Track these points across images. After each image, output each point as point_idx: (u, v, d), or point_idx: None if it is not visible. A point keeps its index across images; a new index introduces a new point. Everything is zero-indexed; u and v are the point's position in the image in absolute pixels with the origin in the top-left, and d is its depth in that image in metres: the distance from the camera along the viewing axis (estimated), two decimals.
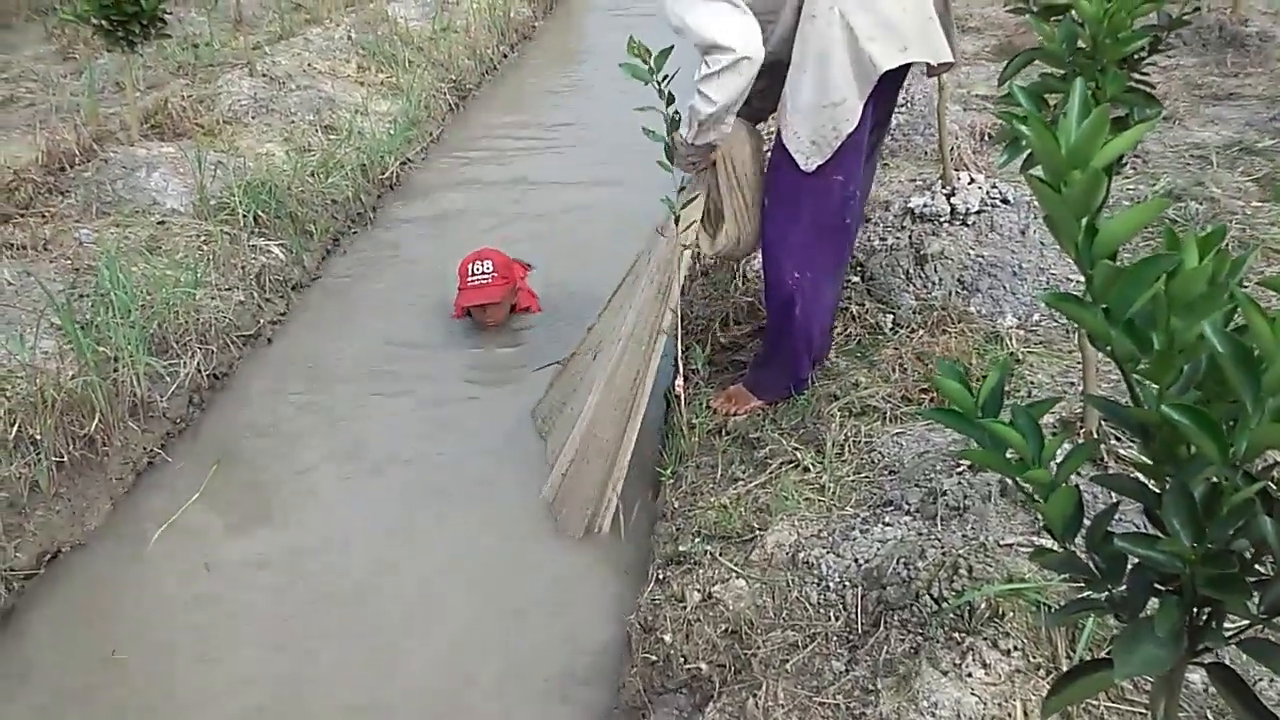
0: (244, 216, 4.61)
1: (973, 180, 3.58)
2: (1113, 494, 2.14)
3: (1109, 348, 1.01)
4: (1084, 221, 0.98)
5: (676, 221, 3.04)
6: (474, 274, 4.28)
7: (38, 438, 3.16)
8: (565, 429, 3.33)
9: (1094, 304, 1.00)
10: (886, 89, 2.72)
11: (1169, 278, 0.97)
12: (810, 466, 2.80)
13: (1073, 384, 2.84)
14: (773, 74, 2.80)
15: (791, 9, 2.74)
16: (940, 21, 2.72)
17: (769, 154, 2.94)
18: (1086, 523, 1.15)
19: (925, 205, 3.52)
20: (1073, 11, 1.91)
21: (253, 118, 5.73)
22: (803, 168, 2.75)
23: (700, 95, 2.70)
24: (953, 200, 3.49)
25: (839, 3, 2.60)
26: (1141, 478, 1.14)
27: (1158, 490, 1.09)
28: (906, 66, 2.69)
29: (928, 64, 2.72)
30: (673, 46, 2.79)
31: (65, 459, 3.22)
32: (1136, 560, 1.10)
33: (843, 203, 2.83)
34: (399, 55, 7.19)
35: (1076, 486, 1.13)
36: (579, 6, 10.70)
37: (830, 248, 2.93)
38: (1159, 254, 0.97)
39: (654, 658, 2.46)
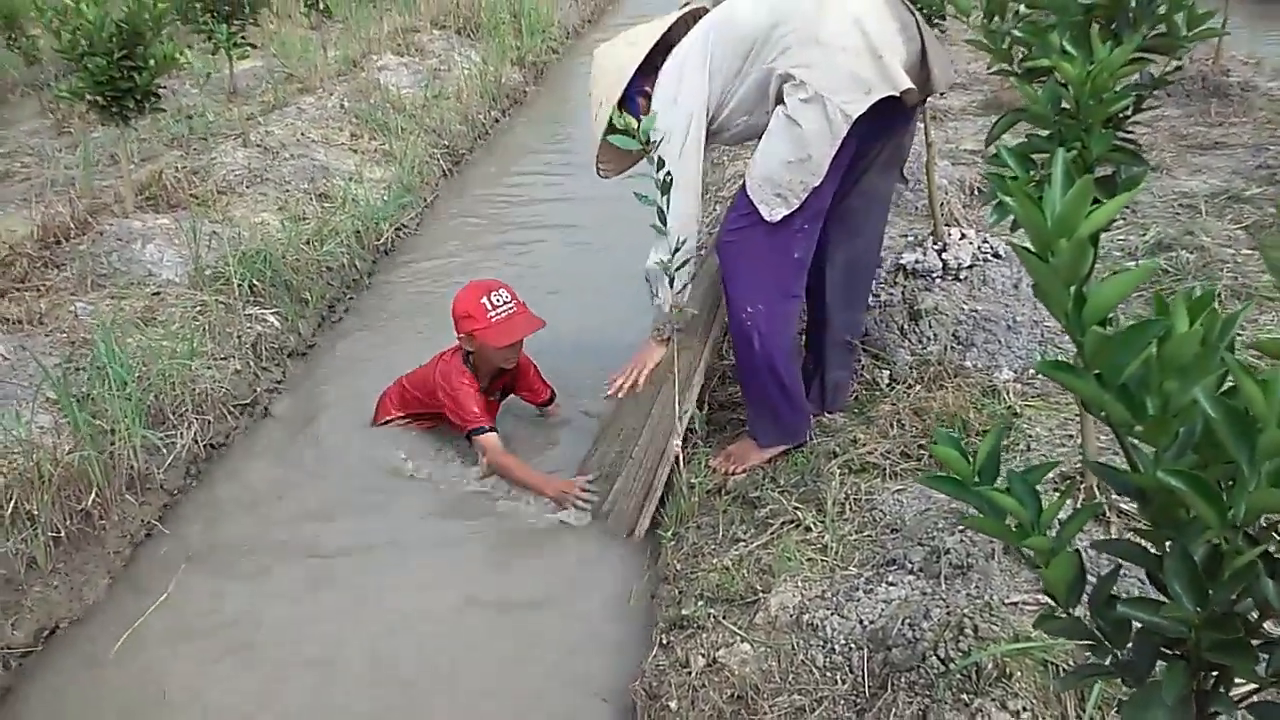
0: (239, 286, 4.62)
1: (964, 235, 3.61)
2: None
3: (1103, 413, 1.02)
4: (1073, 290, 0.99)
5: (671, 282, 3.06)
6: (498, 305, 3.65)
7: (35, 513, 3.14)
8: (617, 453, 3.52)
9: (1086, 371, 1.00)
10: (863, 132, 2.79)
11: (1160, 343, 0.98)
12: (812, 526, 2.79)
13: (1071, 436, 2.84)
14: None
15: (755, 98, 2.92)
16: (909, 55, 2.80)
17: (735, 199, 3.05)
18: (1091, 583, 1.15)
19: (917, 261, 3.54)
20: (1056, 73, 1.93)
21: (247, 187, 5.77)
22: (767, 218, 2.85)
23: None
24: (945, 256, 3.52)
25: (799, 71, 2.74)
26: (1143, 538, 1.14)
27: (1158, 553, 1.08)
28: (892, 104, 2.76)
29: (898, 98, 2.77)
30: (655, 114, 2.87)
31: (62, 534, 3.21)
32: (1140, 624, 1.09)
33: (790, 236, 2.91)
34: (392, 122, 7.26)
35: (1078, 551, 1.12)
36: (568, 72, 10.82)
37: (780, 280, 2.99)
38: (1149, 319, 0.98)
39: None
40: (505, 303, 3.65)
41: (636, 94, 3.06)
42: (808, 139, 2.74)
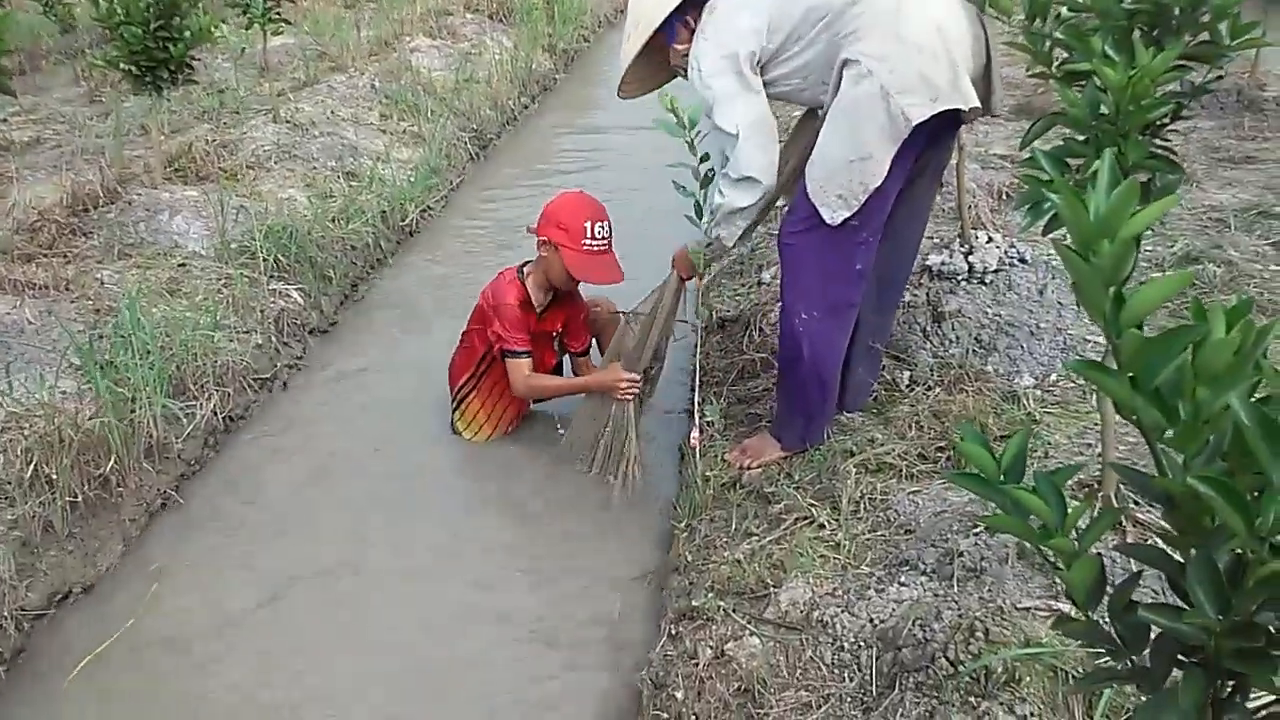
0: (264, 261, 4.64)
1: (990, 239, 3.59)
2: (1131, 561, 2.13)
3: (1135, 416, 1.01)
4: (1112, 291, 0.98)
5: (701, 277, 3.08)
6: (598, 236, 3.45)
7: (53, 477, 3.16)
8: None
9: (1120, 372, 1.00)
10: (925, 140, 2.73)
11: (1195, 348, 0.97)
12: (826, 523, 2.78)
13: (1090, 445, 2.83)
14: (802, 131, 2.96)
15: (819, 74, 2.81)
16: (975, 70, 2.74)
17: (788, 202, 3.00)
18: (1109, 590, 1.14)
19: (943, 263, 3.53)
20: (1096, 77, 1.92)
21: (275, 163, 5.79)
22: (828, 220, 2.78)
23: (720, 192, 2.92)
24: (971, 259, 3.50)
25: (869, 63, 2.64)
26: (1164, 545, 1.13)
27: (1181, 560, 1.08)
28: (948, 116, 2.70)
29: (960, 111, 2.70)
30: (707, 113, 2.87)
31: (79, 499, 3.23)
32: (1159, 630, 1.09)
33: (854, 248, 2.85)
34: (421, 104, 7.27)
35: (1099, 554, 1.12)
36: (599, 60, 10.82)
37: (840, 292, 2.94)
38: (1186, 325, 0.97)
39: (665, 715, 2.44)
40: (603, 238, 3.48)
41: (678, 21, 2.97)
42: (867, 137, 2.67)
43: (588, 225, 3.43)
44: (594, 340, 3.96)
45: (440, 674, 2.81)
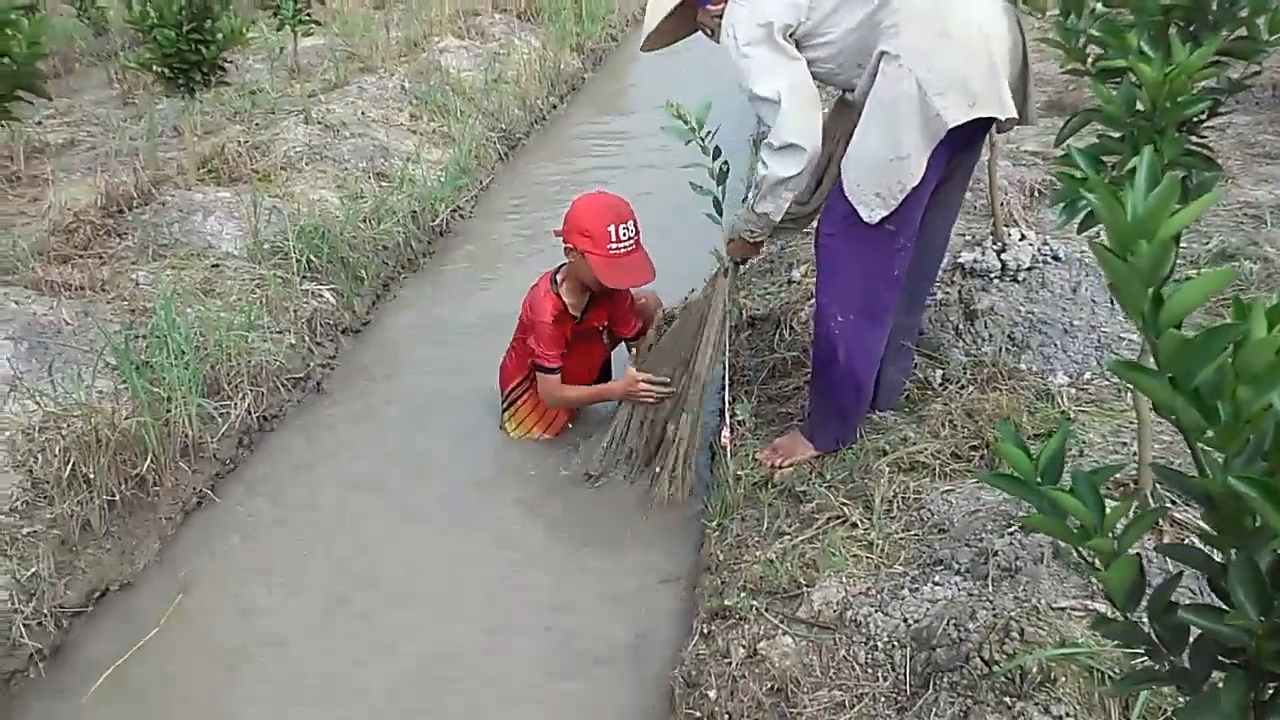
0: (296, 261, 4.66)
1: (1023, 237, 3.57)
2: (1169, 560, 2.11)
3: (1174, 417, 1.00)
4: (1151, 291, 0.97)
5: (726, 272, 3.07)
6: (622, 239, 3.36)
7: (91, 476, 3.20)
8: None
9: (1160, 373, 0.99)
10: (959, 143, 2.69)
11: (1236, 348, 0.96)
12: (858, 522, 2.78)
13: (1125, 444, 2.80)
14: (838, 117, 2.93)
15: (854, 58, 2.77)
16: (1012, 77, 2.70)
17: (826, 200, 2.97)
18: (1148, 591, 1.13)
19: (976, 261, 3.51)
20: (1131, 74, 1.90)
21: (307, 164, 5.82)
22: (865, 219, 2.74)
23: (764, 163, 2.82)
24: (1003, 256, 3.48)
25: (908, 59, 2.60)
26: (1202, 546, 1.12)
27: (1222, 561, 1.07)
28: (982, 121, 2.66)
29: (995, 119, 2.67)
30: (710, 104, 2.85)
31: (117, 498, 3.26)
32: (1200, 632, 1.08)
33: (893, 253, 2.82)
34: (451, 105, 7.29)
35: (1139, 554, 1.11)
36: (627, 61, 10.82)
37: (876, 295, 2.90)
38: (1226, 324, 0.97)
39: (698, 714, 2.44)
40: (629, 239, 3.38)
41: None
42: (904, 136, 2.62)
43: (611, 229, 3.35)
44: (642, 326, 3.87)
45: (470, 673, 2.83)
